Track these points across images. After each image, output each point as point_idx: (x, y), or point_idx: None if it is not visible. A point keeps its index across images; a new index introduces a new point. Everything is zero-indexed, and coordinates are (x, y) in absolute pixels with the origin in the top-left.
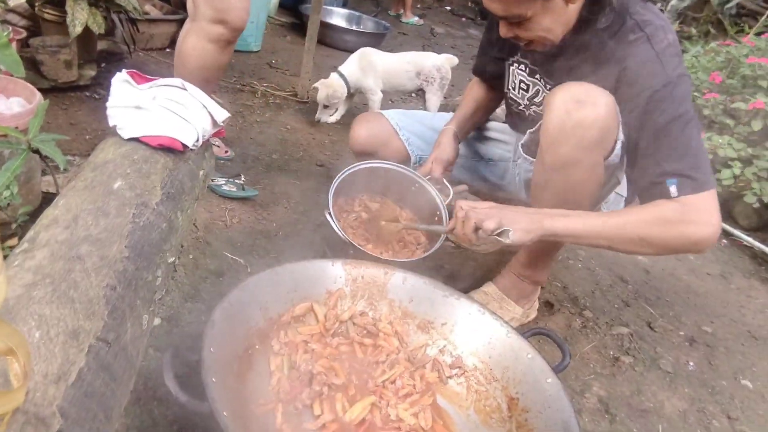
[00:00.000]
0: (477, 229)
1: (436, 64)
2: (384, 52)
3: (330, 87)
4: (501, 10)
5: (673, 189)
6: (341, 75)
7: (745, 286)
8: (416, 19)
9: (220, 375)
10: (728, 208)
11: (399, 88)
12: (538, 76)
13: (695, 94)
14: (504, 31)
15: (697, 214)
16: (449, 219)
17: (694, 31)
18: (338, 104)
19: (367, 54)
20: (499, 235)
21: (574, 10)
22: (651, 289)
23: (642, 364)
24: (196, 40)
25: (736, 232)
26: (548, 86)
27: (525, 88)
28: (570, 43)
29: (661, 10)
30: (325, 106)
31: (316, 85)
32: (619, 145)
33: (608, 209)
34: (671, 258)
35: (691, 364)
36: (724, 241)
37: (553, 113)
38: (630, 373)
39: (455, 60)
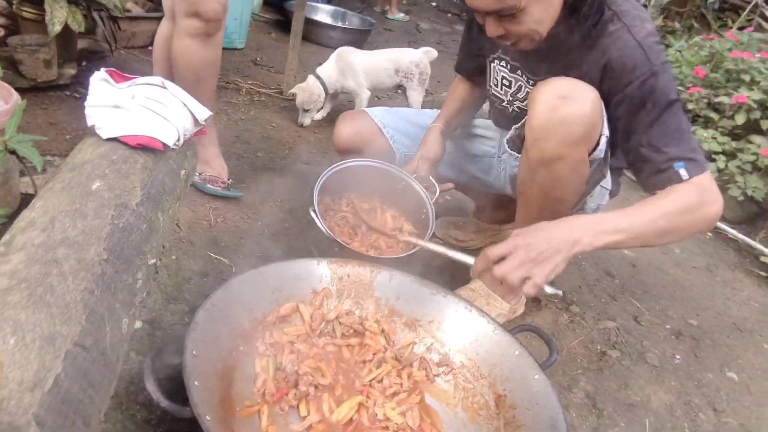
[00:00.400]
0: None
1: (414, 59)
2: (362, 51)
3: (306, 91)
4: (492, 3)
5: (683, 172)
6: (318, 77)
7: (730, 278)
8: (402, 15)
9: (203, 378)
10: None
11: (379, 87)
12: (519, 72)
13: (679, 88)
14: (493, 29)
15: (709, 194)
16: (434, 216)
17: (677, 25)
18: (319, 106)
19: (345, 54)
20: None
21: (556, 1)
22: (637, 283)
23: (629, 358)
24: (178, 39)
25: (722, 225)
26: (530, 81)
27: (507, 84)
28: (551, 37)
29: (645, 6)
30: (306, 110)
31: (293, 90)
32: (603, 141)
33: (593, 203)
34: (657, 251)
35: (678, 357)
36: (709, 234)
37: (538, 109)
38: (617, 368)
39: (434, 53)
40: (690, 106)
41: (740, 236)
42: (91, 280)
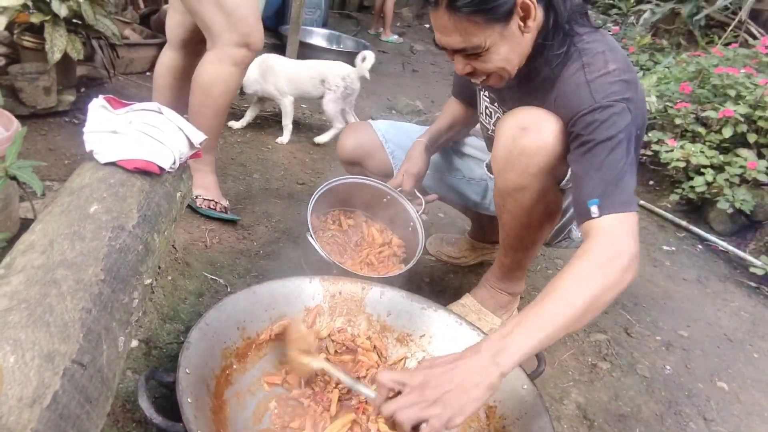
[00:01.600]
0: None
1: (342, 73)
2: (288, 59)
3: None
4: (458, 42)
5: (594, 209)
6: None
7: (720, 290)
8: (395, 37)
9: (195, 395)
10: (703, 214)
11: (304, 95)
12: (496, 104)
13: (668, 104)
14: (461, 66)
15: (617, 242)
16: (423, 229)
17: (665, 42)
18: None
19: (267, 59)
20: None
21: (529, 39)
22: (628, 295)
23: (619, 370)
24: (219, 66)
25: (711, 238)
26: (504, 113)
27: (489, 114)
28: (522, 74)
29: (633, 24)
30: None
31: None
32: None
33: (579, 232)
34: (648, 264)
35: (668, 368)
36: (699, 246)
37: (501, 140)
38: (607, 379)
39: (366, 73)
40: (678, 121)
41: (730, 248)
42: (89, 300)
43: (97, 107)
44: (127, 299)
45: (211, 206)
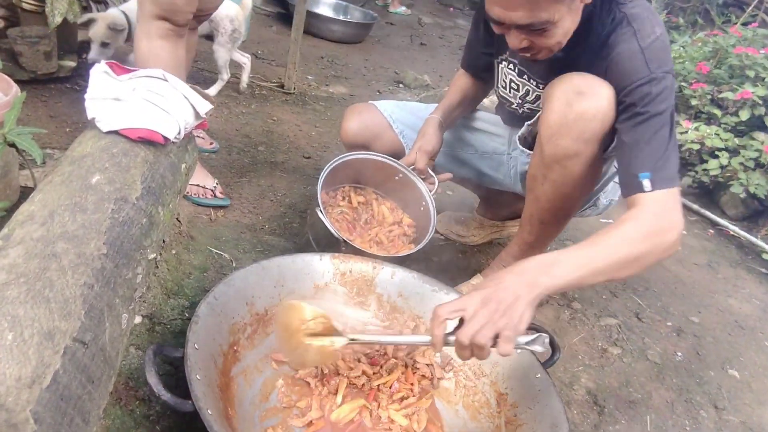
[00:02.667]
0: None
1: (230, 14)
2: None
3: (106, 20)
4: (525, 17)
5: (646, 183)
6: (122, 12)
7: (731, 275)
8: (404, 9)
9: (204, 372)
10: (715, 198)
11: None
12: (526, 76)
13: (683, 84)
14: (517, 42)
15: (668, 217)
16: (435, 208)
17: (681, 21)
18: (120, 42)
19: None
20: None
21: (581, 8)
22: (639, 280)
23: (630, 355)
24: (147, 41)
25: (723, 222)
26: (540, 86)
27: (515, 87)
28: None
29: (649, 1)
30: (104, 44)
31: (89, 16)
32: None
33: (606, 198)
34: None
35: (679, 354)
36: (711, 231)
37: (554, 105)
38: (618, 365)
39: (248, 7)
40: (693, 102)
41: (742, 233)
42: (91, 275)
43: (100, 73)
44: (131, 274)
45: (200, 194)
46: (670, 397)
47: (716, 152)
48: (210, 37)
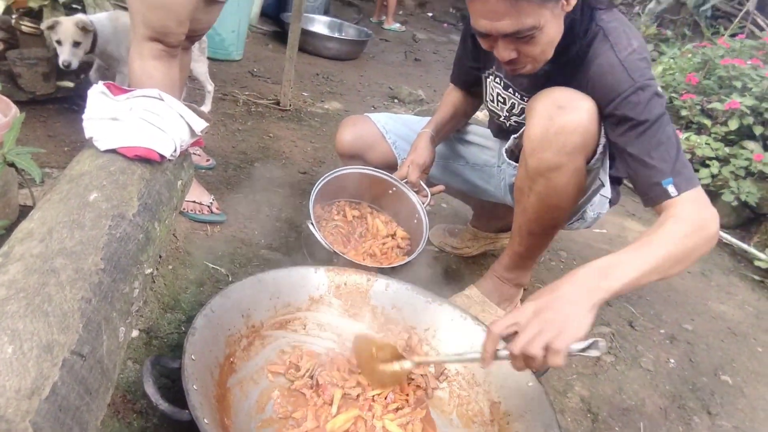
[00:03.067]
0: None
1: None
2: None
3: (76, 18)
4: (511, 25)
5: (671, 189)
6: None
7: (724, 283)
8: (398, 25)
9: (201, 382)
10: None
11: None
12: (511, 90)
13: (673, 95)
14: (506, 53)
15: (705, 210)
16: (428, 220)
17: (670, 33)
18: (87, 47)
19: (122, 17)
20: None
21: (563, 17)
22: None
23: (623, 363)
24: (140, 61)
25: None
26: (524, 98)
27: (502, 100)
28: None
29: (638, 14)
30: (76, 44)
31: (54, 19)
32: (600, 149)
33: (593, 211)
34: None
35: (672, 361)
36: None
37: (536, 119)
38: (611, 372)
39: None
40: (683, 112)
41: (735, 241)
42: (89, 290)
43: (97, 93)
44: (128, 289)
45: (197, 210)
46: (663, 404)
47: (707, 161)
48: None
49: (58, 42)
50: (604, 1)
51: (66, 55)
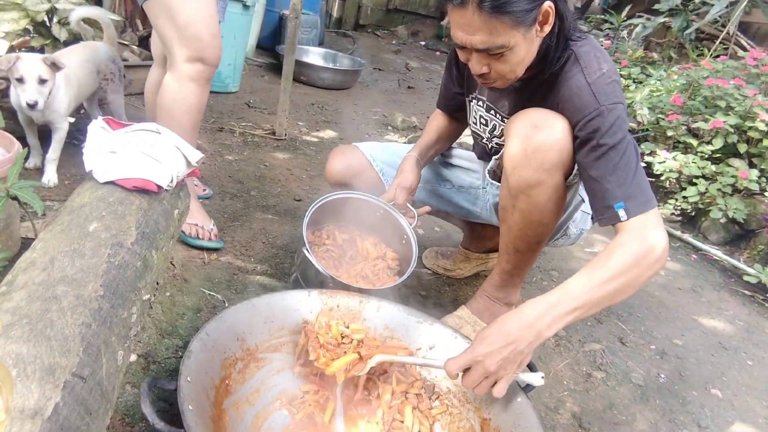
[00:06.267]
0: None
1: (110, 54)
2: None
3: (49, 58)
4: (482, 41)
5: (622, 213)
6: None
7: (715, 298)
8: None
9: (196, 403)
10: (697, 224)
11: (80, 98)
12: (493, 111)
13: (659, 115)
14: (478, 67)
15: (651, 235)
16: (416, 241)
17: (657, 56)
18: (51, 86)
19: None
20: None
21: (538, 42)
22: (623, 305)
23: (614, 379)
24: (177, 85)
25: (705, 247)
26: (504, 120)
27: (484, 122)
28: (523, 76)
29: (625, 38)
30: (42, 82)
31: (16, 56)
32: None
33: (576, 227)
34: None
35: (662, 376)
36: (694, 256)
37: (514, 138)
38: (602, 388)
39: (114, 39)
40: (670, 132)
41: (724, 257)
42: (89, 315)
43: (97, 128)
44: (126, 314)
45: (198, 234)
46: (654, 418)
47: (694, 180)
48: (100, 91)
49: (20, 80)
50: (579, 31)
51: (32, 94)
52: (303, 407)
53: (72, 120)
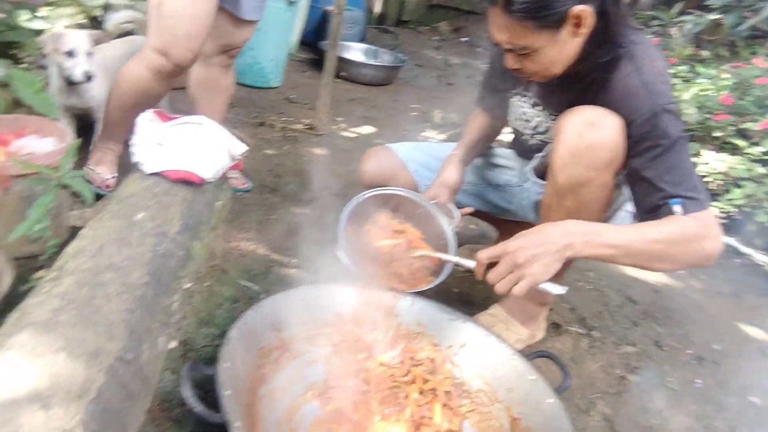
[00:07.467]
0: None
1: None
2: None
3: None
4: (507, 41)
5: (677, 208)
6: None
7: (757, 304)
8: None
9: (233, 389)
10: (741, 228)
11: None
12: (539, 108)
13: (707, 115)
14: (510, 62)
15: (708, 229)
16: (456, 242)
17: (707, 54)
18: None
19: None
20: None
21: (578, 42)
22: (660, 308)
23: (648, 382)
24: (137, 64)
25: (748, 251)
26: (551, 117)
27: (528, 119)
28: (568, 75)
29: (673, 36)
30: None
31: (59, 32)
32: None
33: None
34: (682, 278)
35: (699, 381)
36: (737, 260)
37: (566, 135)
38: (636, 391)
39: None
40: (716, 133)
41: None
42: (133, 302)
43: (146, 120)
44: (168, 302)
45: (94, 180)
46: (689, 423)
47: (740, 182)
48: None
49: (70, 53)
50: (632, 28)
51: (86, 65)
52: (333, 400)
53: None
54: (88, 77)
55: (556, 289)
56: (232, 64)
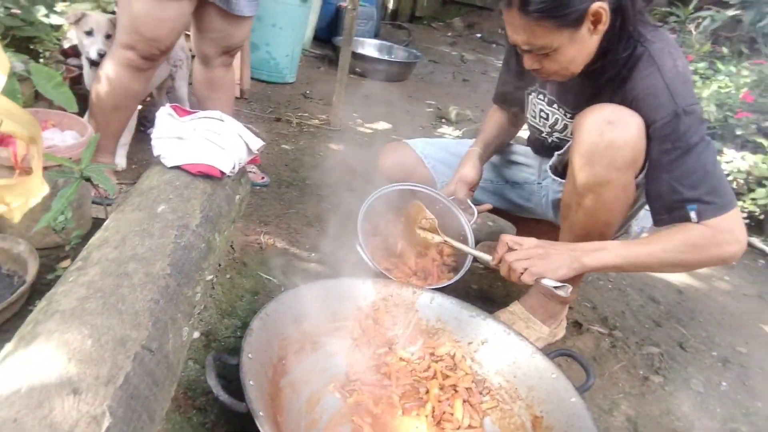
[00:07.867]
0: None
1: (181, 42)
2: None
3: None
4: (525, 41)
5: (693, 215)
6: None
7: None
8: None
9: (256, 379)
10: (765, 228)
11: (152, 86)
12: (556, 105)
13: (728, 113)
14: (529, 62)
15: (723, 235)
16: (473, 238)
17: (726, 50)
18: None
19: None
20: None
21: (596, 40)
22: (684, 309)
23: (672, 384)
24: (108, 63)
25: None
26: (568, 115)
27: (545, 116)
28: (587, 73)
29: (692, 31)
30: (108, 36)
31: (83, 12)
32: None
33: (638, 225)
34: (706, 279)
35: (724, 384)
36: (762, 261)
37: (585, 134)
38: (659, 393)
39: None
40: (738, 131)
41: None
42: (157, 292)
43: (165, 115)
44: (191, 293)
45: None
46: (714, 426)
47: (764, 181)
48: (170, 78)
49: (89, 32)
50: (649, 25)
51: (101, 46)
52: (354, 393)
53: (140, 107)
54: (102, 56)
55: (554, 283)
56: (232, 62)
